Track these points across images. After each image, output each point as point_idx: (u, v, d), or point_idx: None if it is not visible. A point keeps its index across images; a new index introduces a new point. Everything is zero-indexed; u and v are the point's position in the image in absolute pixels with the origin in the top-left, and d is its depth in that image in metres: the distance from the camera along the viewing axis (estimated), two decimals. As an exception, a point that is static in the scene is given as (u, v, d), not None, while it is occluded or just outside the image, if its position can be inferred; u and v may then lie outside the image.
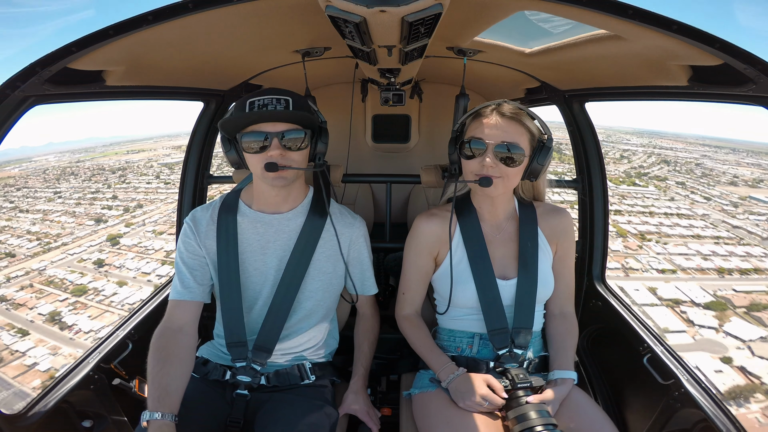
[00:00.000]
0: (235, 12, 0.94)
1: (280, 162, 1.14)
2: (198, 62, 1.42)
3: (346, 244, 1.36)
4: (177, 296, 1.24)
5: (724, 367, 22.04)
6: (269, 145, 1.13)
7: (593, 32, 1.07)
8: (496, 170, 1.15)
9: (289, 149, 1.16)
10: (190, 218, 1.30)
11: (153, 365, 1.11)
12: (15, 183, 77.11)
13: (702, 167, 70.37)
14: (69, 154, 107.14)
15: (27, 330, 27.95)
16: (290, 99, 1.16)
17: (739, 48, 0.79)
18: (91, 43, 0.87)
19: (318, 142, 1.24)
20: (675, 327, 25.34)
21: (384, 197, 2.24)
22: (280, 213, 1.30)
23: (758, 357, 22.61)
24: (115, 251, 41.21)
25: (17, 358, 25.27)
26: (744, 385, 20.80)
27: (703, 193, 56.48)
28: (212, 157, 2.16)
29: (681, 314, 26.76)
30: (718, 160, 73.89)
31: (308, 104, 1.23)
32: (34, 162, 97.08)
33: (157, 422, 1.00)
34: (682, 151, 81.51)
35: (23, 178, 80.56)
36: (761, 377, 21.21)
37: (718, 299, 28.71)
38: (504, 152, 1.14)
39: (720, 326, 25.38)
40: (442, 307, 1.35)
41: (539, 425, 1.03)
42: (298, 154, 1.18)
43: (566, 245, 1.34)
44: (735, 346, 23.74)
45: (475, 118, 1.20)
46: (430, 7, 0.77)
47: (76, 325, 28.75)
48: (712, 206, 50.34)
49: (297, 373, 1.31)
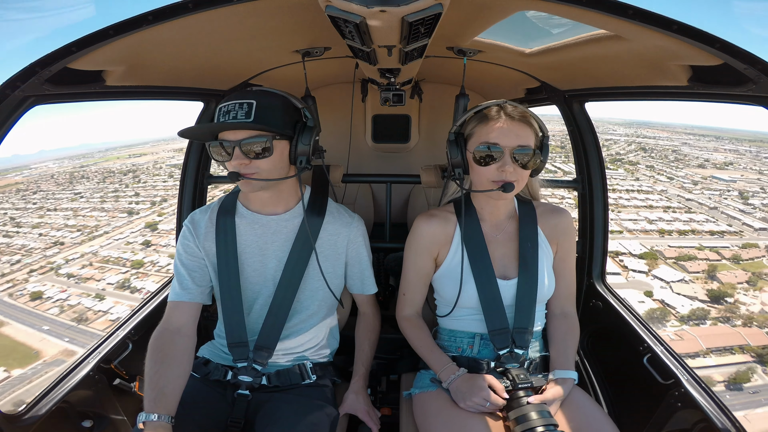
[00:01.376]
0: (235, 12, 0.94)
1: (243, 171, 1.10)
2: (198, 62, 1.42)
3: (343, 244, 1.35)
4: (175, 297, 1.24)
5: (646, 299, 28.41)
6: (232, 154, 1.10)
7: (593, 32, 1.07)
8: (514, 174, 1.13)
9: (254, 157, 1.10)
10: (189, 220, 1.30)
11: (150, 366, 1.11)
12: (27, 187, 78.07)
13: (678, 153, 73.08)
14: (68, 161, 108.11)
15: (103, 295, 32.97)
16: (254, 102, 1.09)
17: (739, 48, 0.79)
18: (91, 43, 0.87)
19: (298, 143, 1.15)
20: (612, 270, 30.73)
21: (384, 197, 2.24)
22: (277, 214, 1.30)
23: (676, 293, 29.25)
24: (156, 234, 45.66)
25: (101, 315, 30.01)
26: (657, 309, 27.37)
27: (669, 174, 60.77)
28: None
29: (619, 262, 33.20)
30: (696, 147, 76.26)
31: (277, 105, 1.15)
32: (34, 169, 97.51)
33: (153, 424, 1.00)
34: (664, 139, 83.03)
35: (33, 183, 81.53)
36: (675, 308, 27.62)
37: (652, 251, 35.15)
38: (521, 156, 1.12)
39: (649, 271, 31.93)
40: (443, 308, 1.35)
41: (540, 426, 1.03)
42: (264, 161, 1.11)
43: (567, 245, 1.34)
44: (659, 286, 30.14)
45: (482, 121, 1.16)
46: (430, 7, 0.77)
47: (144, 288, 33.46)
48: (673, 184, 56.03)
49: (298, 372, 1.31)
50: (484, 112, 1.17)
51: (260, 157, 1.11)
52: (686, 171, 62.21)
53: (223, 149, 1.11)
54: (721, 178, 57.53)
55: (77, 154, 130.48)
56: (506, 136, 1.12)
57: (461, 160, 1.19)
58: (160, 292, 1.97)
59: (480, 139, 1.15)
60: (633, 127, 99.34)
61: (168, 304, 1.25)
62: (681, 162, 67.65)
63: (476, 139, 1.17)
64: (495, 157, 1.13)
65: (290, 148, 1.17)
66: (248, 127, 1.08)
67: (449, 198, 1.36)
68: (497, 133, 1.12)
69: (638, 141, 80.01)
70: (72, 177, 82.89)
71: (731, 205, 47.10)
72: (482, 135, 1.15)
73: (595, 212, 1.89)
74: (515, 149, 1.12)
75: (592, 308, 1.89)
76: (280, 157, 1.15)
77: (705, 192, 51.89)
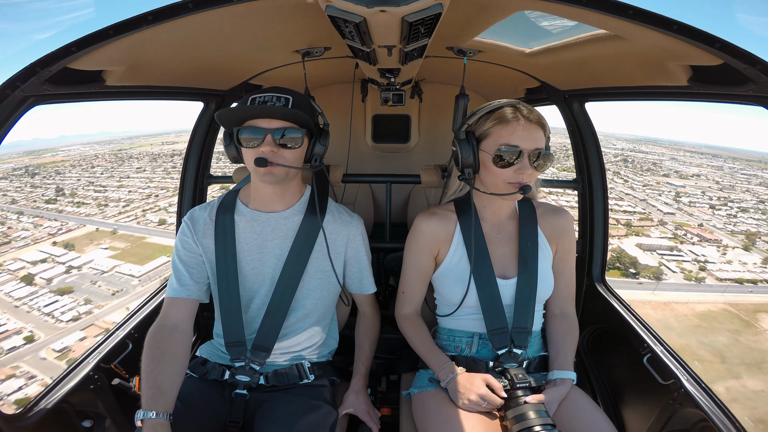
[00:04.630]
0: (235, 12, 0.94)
1: (270, 158, 1.14)
2: (198, 62, 1.42)
3: (342, 243, 1.36)
4: (173, 294, 1.24)
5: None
6: (263, 140, 1.14)
7: (593, 32, 1.07)
8: (531, 176, 1.14)
9: (282, 147, 1.16)
10: (188, 217, 1.31)
11: (147, 363, 1.10)
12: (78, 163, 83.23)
13: (657, 165, 77.42)
14: (98, 145, 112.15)
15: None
16: (291, 97, 1.17)
17: (739, 48, 0.79)
18: (91, 43, 0.87)
19: (316, 143, 1.24)
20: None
21: (384, 197, 2.24)
22: (277, 212, 1.30)
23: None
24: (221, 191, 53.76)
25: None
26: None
27: (627, 178, 67.28)
28: (212, 157, 2.16)
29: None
30: (680, 162, 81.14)
31: (310, 105, 1.24)
32: (65, 150, 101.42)
33: (152, 421, 1.00)
34: (657, 155, 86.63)
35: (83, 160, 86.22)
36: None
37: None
38: (537, 159, 1.12)
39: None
40: (443, 307, 1.35)
41: (537, 425, 1.03)
42: (290, 152, 1.18)
43: (566, 245, 1.34)
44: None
45: (501, 122, 1.14)
46: (430, 7, 0.77)
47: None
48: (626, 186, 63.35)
49: (296, 372, 1.31)
50: (501, 113, 1.15)
51: (288, 148, 1.17)
52: (647, 178, 69.71)
53: (255, 137, 1.15)
54: (673, 184, 65.17)
55: (101, 140, 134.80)
56: (526, 139, 1.11)
57: (473, 160, 1.18)
58: (160, 292, 1.97)
59: (500, 141, 1.13)
60: (633, 143, 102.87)
61: (165, 301, 1.25)
62: (650, 171, 73.29)
63: (494, 140, 1.14)
64: (515, 160, 1.12)
65: (309, 146, 1.24)
66: (288, 117, 1.15)
67: (450, 197, 1.36)
68: (518, 135, 1.11)
69: (627, 154, 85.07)
70: (117, 157, 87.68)
71: (660, 200, 57.09)
72: (502, 136, 1.13)
73: (595, 212, 1.89)
74: (533, 152, 1.12)
75: (591, 308, 1.89)
76: (301, 153, 1.22)
77: (646, 191, 61.66)
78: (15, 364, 24.10)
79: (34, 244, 44.01)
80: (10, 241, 44.81)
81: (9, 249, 42.71)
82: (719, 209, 53.74)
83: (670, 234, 45.59)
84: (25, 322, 28.19)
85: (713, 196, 59.76)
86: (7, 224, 50.20)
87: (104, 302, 31.82)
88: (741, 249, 42.26)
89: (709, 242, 43.79)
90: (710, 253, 40.87)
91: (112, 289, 33.97)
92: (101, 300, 32.17)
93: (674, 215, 51.11)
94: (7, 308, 29.71)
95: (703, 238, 44.71)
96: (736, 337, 26.89)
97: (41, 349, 25.76)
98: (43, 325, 28.36)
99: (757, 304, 31.41)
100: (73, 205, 57.47)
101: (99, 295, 32.89)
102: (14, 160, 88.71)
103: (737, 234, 46.29)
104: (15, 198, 62.13)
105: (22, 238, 45.62)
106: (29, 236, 46.16)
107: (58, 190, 63.60)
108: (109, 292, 33.50)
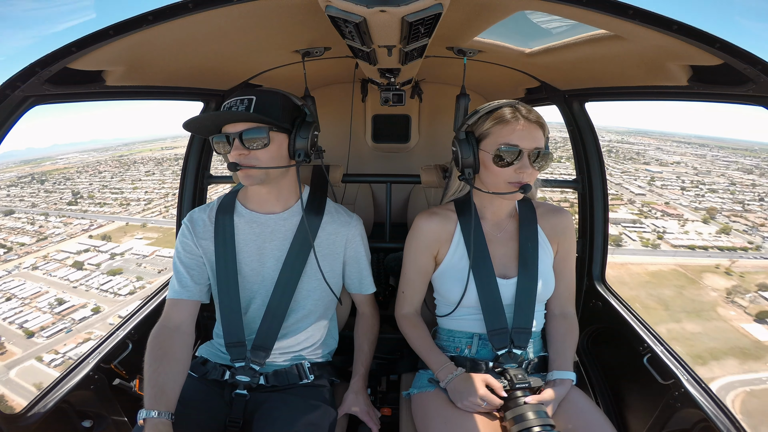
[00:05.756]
0: (235, 12, 0.94)
1: (241, 162, 1.14)
2: (198, 62, 1.42)
3: (341, 244, 1.36)
4: (174, 295, 1.24)
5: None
6: (232, 145, 1.14)
7: (593, 32, 1.07)
8: (531, 176, 1.14)
9: (252, 148, 1.14)
10: (187, 219, 1.31)
11: (149, 364, 1.11)
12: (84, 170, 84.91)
13: (640, 155, 78.25)
14: (95, 153, 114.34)
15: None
16: (254, 98, 1.15)
17: (739, 48, 0.79)
18: (91, 43, 0.87)
19: (297, 137, 1.19)
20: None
21: (384, 197, 2.24)
22: (275, 213, 1.30)
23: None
24: None
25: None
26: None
27: (611, 168, 67.78)
28: (212, 157, 2.16)
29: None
30: (665, 152, 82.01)
31: (277, 102, 1.19)
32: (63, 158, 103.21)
33: (154, 420, 1.00)
34: (643, 145, 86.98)
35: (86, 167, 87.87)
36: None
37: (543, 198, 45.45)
38: (537, 158, 1.12)
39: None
40: (443, 307, 1.35)
41: (537, 426, 1.03)
42: (262, 152, 1.15)
43: (567, 245, 1.34)
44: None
45: (500, 122, 1.15)
46: (430, 7, 0.77)
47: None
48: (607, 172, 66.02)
49: (296, 372, 1.31)
50: (500, 113, 1.15)
51: (258, 148, 1.15)
52: (627, 166, 69.59)
53: (224, 142, 1.15)
54: (651, 170, 65.90)
55: (96, 148, 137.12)
56: (525, 138, 1.12)
57: (473, 159, 1.18)
58: (160, 292, 1.97)
59: (500, 141, 1.14)
60: (622, 135, 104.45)
61: (167, 302, 1.25)
62: (631, 160, 74.42)
63: (494, 140, 1.15)
64: (515, 159, 1.13)
65: (289, 141, 1.20)
66: (247, 118, 1.13)
67: (451, 197, 1.36)
68: (517, 134, 1.12)
69: (612, 146, 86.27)
70: (120, 163, 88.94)
71: (635, 183, 58.28)
72: (502, 136, 1.14)
73: (595, 212, 1.89)
74: (533, 151, 1.12)
75: (591, 308, 1.89)
76: (278, 150, 1.18)
77: (623, 177, 62.12)
78: (88, 330, 28.30)
79: (70, 238, 46.84)
80: (47, 237, 47.59)
81: (47, 243, 45.78)
82: (689, 190, 55.98)
83: (636, 211, 47.47)
84: (87, 299, 32.45)
85: (687, 180, 61.49)
86: (38, 223, 52.92)
87: (153, 279, 35.25)
88: (700, 222, 44.78)
89: (672, 217, 45.95)
90: (670, 226, 43.44)
91: (157, 268, 37.57)
92: (150, 277, 35.77)
93: (645, 196, 53.33)
94: (66, 289, 33.84)
95: (666, 213, 46.82)
96: (681, 291, 30.75)
97: (108, 317, 29.71)
98: (105, 300, 32.25)
99: (704, 265, 35.33)
100: (95, 206, 60.25)
101: (147, 274, 36.58)
102: (15, 169, 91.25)
103: (700, 210, 48.45)
104: (34, 202, 64.30)
105: (57, 234, 48.48)
106: (62, 232, 48.94)
107: (74, 194, 65.74)
108: (155, 271, 37.12)
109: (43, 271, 37.07)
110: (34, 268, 38.00)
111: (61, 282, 34.97)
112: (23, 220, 54.12)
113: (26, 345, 26.08)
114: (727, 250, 38.32)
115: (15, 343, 26.08)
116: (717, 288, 31.22)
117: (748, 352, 23.57)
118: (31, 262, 39.29)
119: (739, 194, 54.62)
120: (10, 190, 73.77)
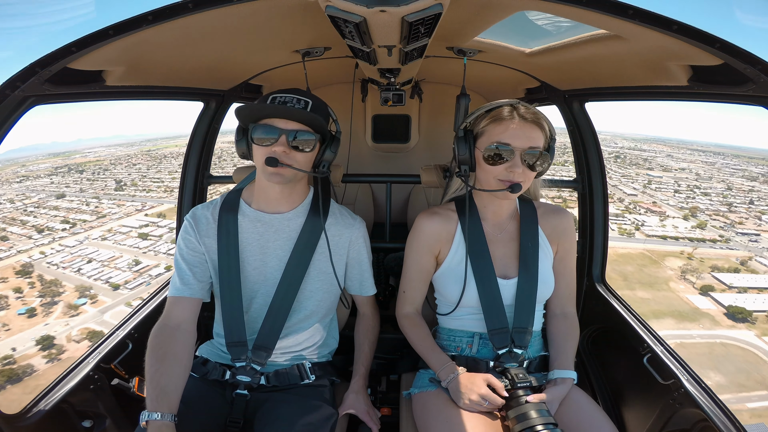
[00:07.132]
0: (235, 12, 0.94)
1: (281, 159, 1.14)
2: (198, 62, 1.42)
3: (345, 245, 1.36)
4: (176, 293, 1.23)
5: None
6: (277, 140, 1.14)
7: (593, 32, 1.07)
8: (522, 175, 1.13)
9: (294, 149, 1.16)
10: (190, 215, 1.30)
11: (151, 364, 1.10)
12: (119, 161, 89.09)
13: (647, 161, 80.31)
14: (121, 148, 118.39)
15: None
16: (310, 101, 1.18)
17: (739, 48, 0.79)
18: (91, 43, 0.87)
19: (327, 149, 1.24)
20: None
21: (384, 197, 2.24)
22: (280, 213, 1.30)
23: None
24: None
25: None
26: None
27: (612, 172, 70.59)
28: (212, 157, 2.16)
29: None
30: (674, 158, 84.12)
31: (327, 111, 1.25)
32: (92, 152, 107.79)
33: (157, 422, 1.00)
34: (653, 152, 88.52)
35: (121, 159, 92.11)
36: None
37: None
38: (530, 158, 1.12)
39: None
40: (443, 307, 1.35)
41: (539, 424, 1.03)
42: (302, 155, 1.18)
43: (567, 245, 1.34)
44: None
45: (495, 120, 1.15)
46: (430, 7, 0.77)
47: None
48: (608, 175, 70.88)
49: (296, 372, 1.31)
50: (497, 112, 1.16)
51: (300, 151, 1.17)
52: (630, 171, 73.91)
53: (271, 136, 1.15)
54: (651, 175, 70.48)
55: (120, 143, 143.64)
56: (518, 137, 1.12)
57: (469, 157, 1.19)
58: (161, 292, 1.97)
59: (492, 139, 1.15)
60: (636, 141, 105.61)
61: (168, 300, 1.24)
62: (636, 166, 77.17)
63: (487, 138, 1.16)
64: (505, 158, 1.13)
65: (319, 152, 1.24)
66: (305, 120, 1.15)
67: (451, 196, 1.36)
68: (510, 133, 1.12)
69: (623, 152, 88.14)
70: (151, 157, 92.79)
71: (630, 186, 62.61)
72: (494, 134, 1.14)
73: (595, 212, 1.89)
74: (526, 151, 1.12)
75: (592, 308, 1.89)
76: (312, 157, 1.23)
77: (622, 180, 66.28)
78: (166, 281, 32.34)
79: (127, 216, 52.21)
80: (105, 215, 53.10)
81: (107, 220, 51.46)
82: (681, 193, 59.61)
83: (622, 207, 50.75)
84: (157, 261, 38.04)
85: (684, 184, 64.39)
86: (92, 204, 58.51)
87: (217, 248, 41.32)
88: (680, 219, 48.81)
89: (654, 214, 49.32)
90: (650, 221, 47.22)
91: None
92: (214, 246, 42.06)
93: (636, 196, 56.80)
94: (138, 254, 40.14)
95: (650, 210, 50.37)
96: (642, 268, 36.71)
97: (178, 273, 35.82)
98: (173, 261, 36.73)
99: (670, 251, 40.98)
100: (141, 192, 65.01)
101: (211, 244, 43.00)
102: (49, 161, 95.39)
103: (684, 209, 52.27)
104: (81, 188, 69.82)
105: (113, 213, 54.06)
106: (119, 212, 54.29)
107: (118, 182, 71.05)
108: (218, 242, 43.63)
109: (112, 242, 43.44)
110: (103, 239, 44.61)
111: (131, 249, 41.33)
112: (77, 202, 59.95)
113: (114, 295, 32.84)
114: (696, 241, 42.96)
115: (104, 294, 33.02)
116: (674, 268, 36.90)
117: (685, 315, 29.33)
118: (99, 234, 45.98)
119: (730, 197, 58.05)
120: (52, 178, 78.30)
